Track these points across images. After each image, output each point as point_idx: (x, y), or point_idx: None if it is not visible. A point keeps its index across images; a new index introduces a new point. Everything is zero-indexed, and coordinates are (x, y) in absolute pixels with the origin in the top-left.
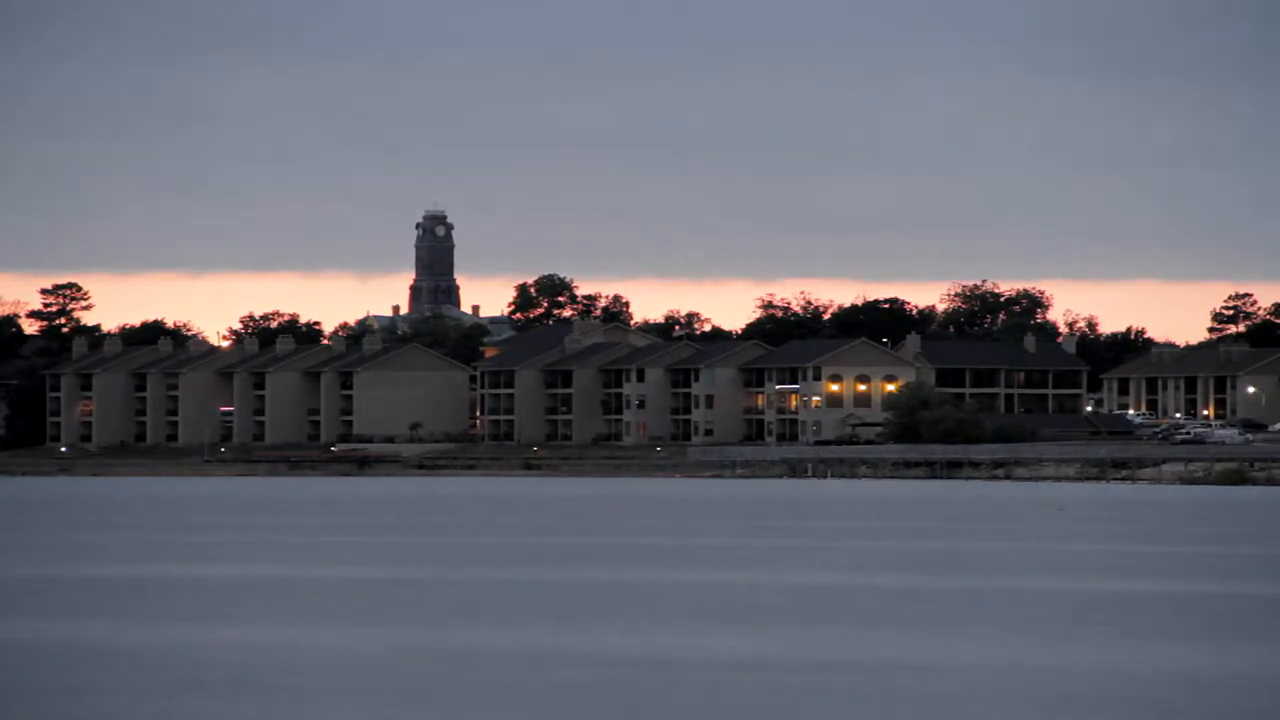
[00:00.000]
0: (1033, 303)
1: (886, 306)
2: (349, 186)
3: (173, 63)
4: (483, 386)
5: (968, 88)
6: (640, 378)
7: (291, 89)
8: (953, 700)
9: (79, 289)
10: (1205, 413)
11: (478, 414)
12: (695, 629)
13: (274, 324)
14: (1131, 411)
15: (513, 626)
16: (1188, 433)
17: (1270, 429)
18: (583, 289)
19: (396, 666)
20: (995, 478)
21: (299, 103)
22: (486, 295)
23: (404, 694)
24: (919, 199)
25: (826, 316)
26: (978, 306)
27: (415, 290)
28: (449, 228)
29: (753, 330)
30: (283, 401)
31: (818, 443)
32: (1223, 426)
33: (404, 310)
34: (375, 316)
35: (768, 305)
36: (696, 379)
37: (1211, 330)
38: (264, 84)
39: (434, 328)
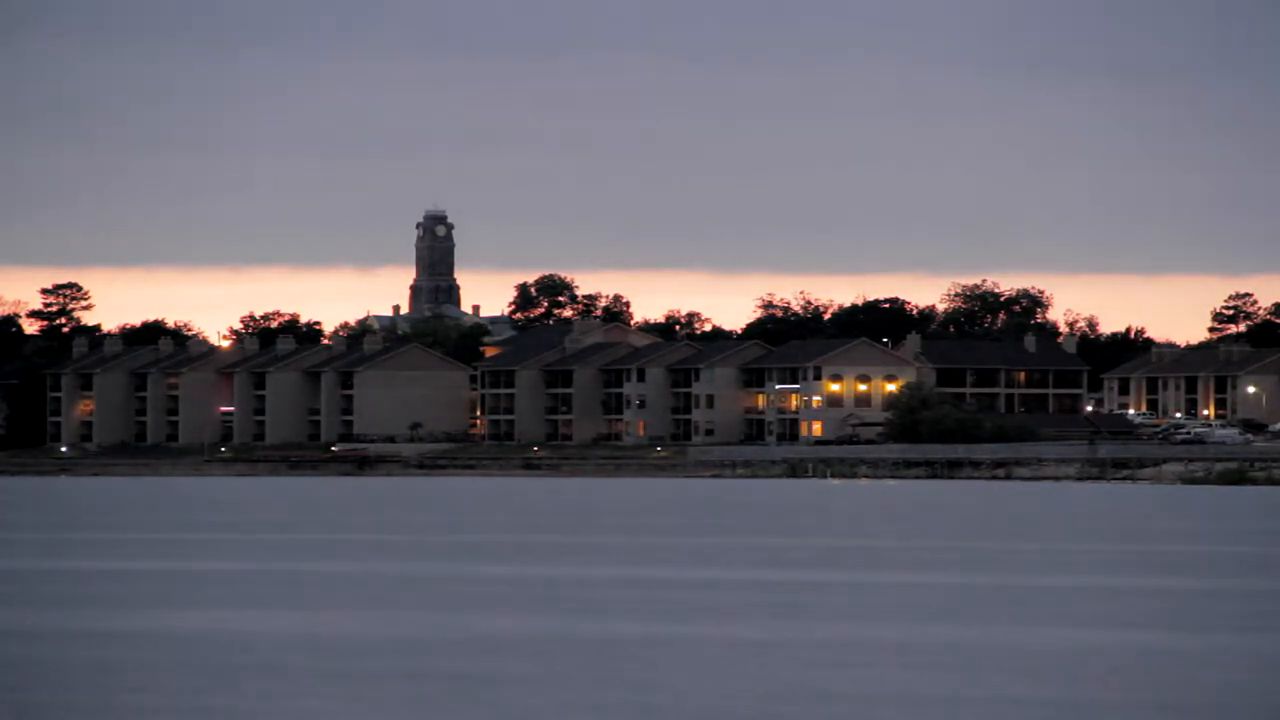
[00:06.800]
0: (1033, 302)
1: (886, 306)
2: (350, 185)
3: (174, 58)
4: (483, 386)
5: (969, 86)
6: (640, 378)
7: (292, 87)
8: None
9: (79, 289)
10: (1205, 413)
11: (478, 414)
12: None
13: (274, 324)
14: (1132, 411)
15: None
16: (1188, 433)
17: (1270, 429)
18: (583, 289)
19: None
20: (995, 478)
21: (300, 100)
22: (486, 295)
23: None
24: (919, 197)
25: (826, 316)
26: (978, 306)
27: (415, 290)
28: (449, 228)
29: (753, 330)
30: (283, 401)
31: (818, 442)
32: (1223, 426)
33: (404, 310)
34: (375, 316)
35: (768, 305)
36: (697, 379)
37: (1212, 330)
38: (265, 82)
39: (434, 328)
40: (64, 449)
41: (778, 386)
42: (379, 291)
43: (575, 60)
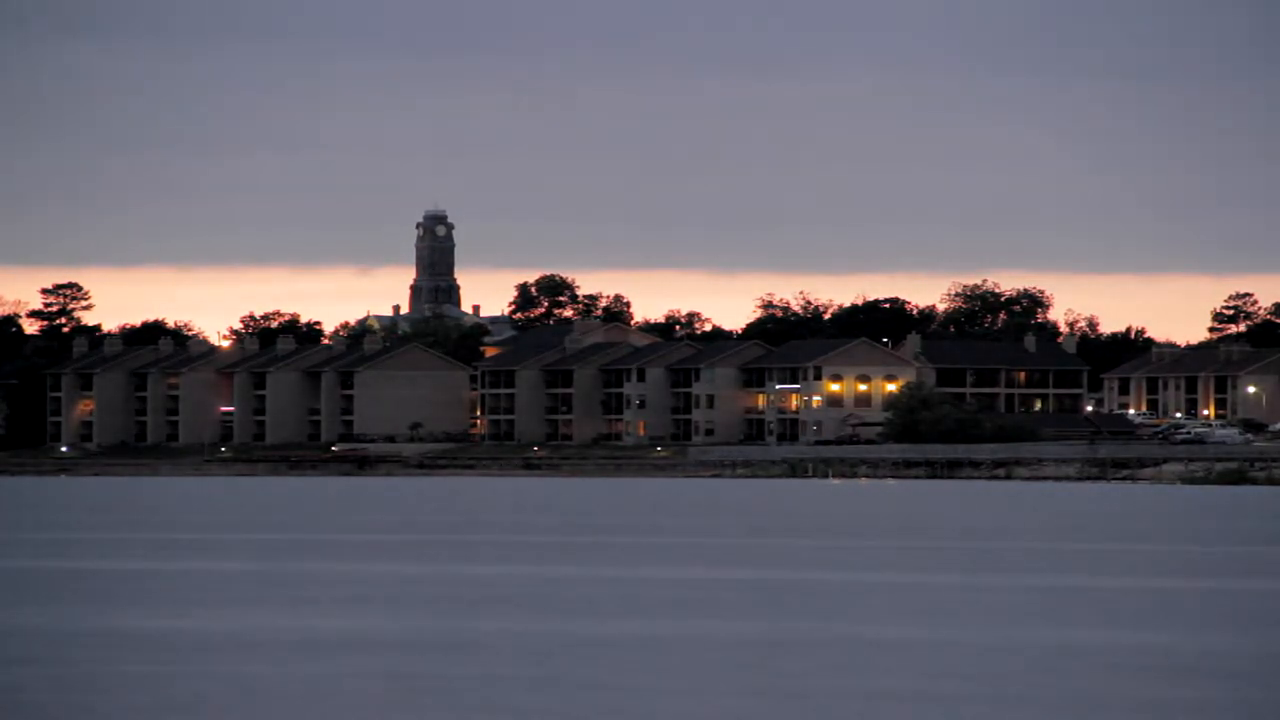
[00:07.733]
0: (1033, 302)
1: (886, 306)
2: (350, 185)
3: (174, 58)
4: (483, 386)
5: (970, 85)
6: (640, 377)
7: (292, 87)
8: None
9: (79, 289)
10: (1205, 413)
11: (478, 414)
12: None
13: (274, 323)
14: (1132, 411)
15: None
16: (1188, 432)
17: (1270, 429)
18: (583, 288)
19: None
20: (995, 477)
21: (301, 100)
22: (486, 295)
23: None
24: (919, 197)
25: (827, 316)
26: (978, 306)
27: (415, 290)
28: (449, 228)
29: (753, 330)
30: (283, 401)
31: (818, 443)
32: (1223, 426)
33: (404, 310)
34: (375, 316)
35: (768, 305)
36: (697, 379)
37: (1212, 330)
38: (265, 81)
39: (434, 327)
40: (64, 449)
41: (778, 386)
42: (379, 291)
43: (575, 60)
